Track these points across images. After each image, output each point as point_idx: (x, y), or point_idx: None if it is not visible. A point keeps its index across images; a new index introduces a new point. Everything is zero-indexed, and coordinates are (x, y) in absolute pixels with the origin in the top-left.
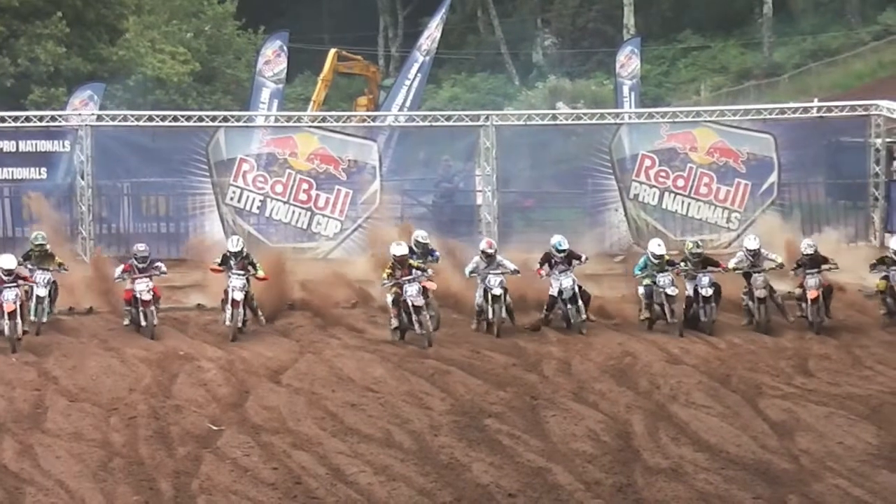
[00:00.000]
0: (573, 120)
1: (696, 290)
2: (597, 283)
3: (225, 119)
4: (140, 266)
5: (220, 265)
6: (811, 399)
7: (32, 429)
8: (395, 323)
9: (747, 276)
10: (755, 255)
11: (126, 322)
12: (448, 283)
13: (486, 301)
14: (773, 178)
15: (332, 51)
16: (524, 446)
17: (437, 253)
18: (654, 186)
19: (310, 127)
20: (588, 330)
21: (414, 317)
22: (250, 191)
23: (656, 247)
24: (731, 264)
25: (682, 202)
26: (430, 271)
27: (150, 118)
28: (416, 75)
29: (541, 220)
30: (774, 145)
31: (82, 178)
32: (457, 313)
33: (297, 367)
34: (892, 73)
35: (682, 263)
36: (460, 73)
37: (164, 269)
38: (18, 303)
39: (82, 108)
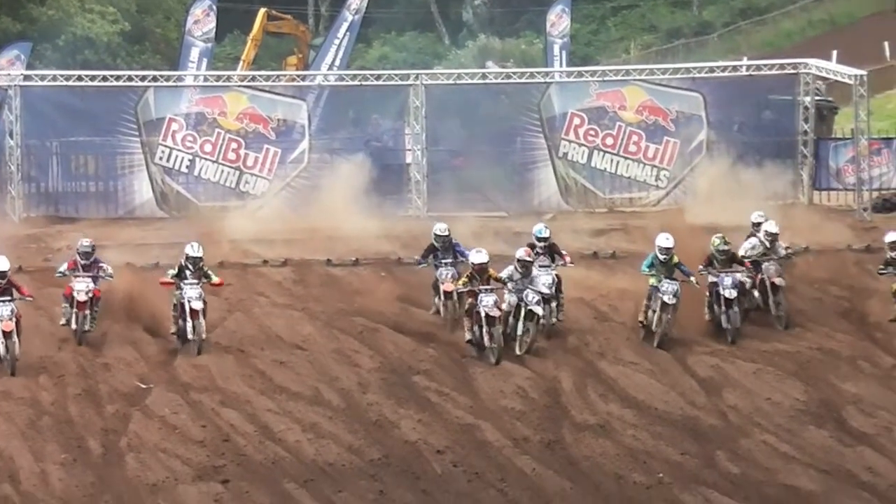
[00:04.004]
0: (503, 79)
1: (716, 293)
2: (526, 241)
3: (154, 79)
4: (83, 262)
5: (175, 276)
6: (739, 356)
7: None
8: (468, 336)
9: (756, 264)
10: (773, 241)
11: (62, 322)
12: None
13: (517, 317)
14: (702, 136)
15: (262, 10)
16: (452, 403)
17: (468, 252)
18: (583, 145)
19: (239, 86)
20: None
21: (486, 328)
22: (179, 150)
23: (664, 240)
24: (741, 252)
25: (611, 160)
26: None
27: (80, 78)
28: (345, 34)
29: (470, 179)
30: (703, 104)
31: (11, 137)
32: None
33: (226, 325)
34: (821, 31)
35: (707, 265)
36: (390, 33)
37: (110, 271)
38: (14, 320)
39: (9, 68)
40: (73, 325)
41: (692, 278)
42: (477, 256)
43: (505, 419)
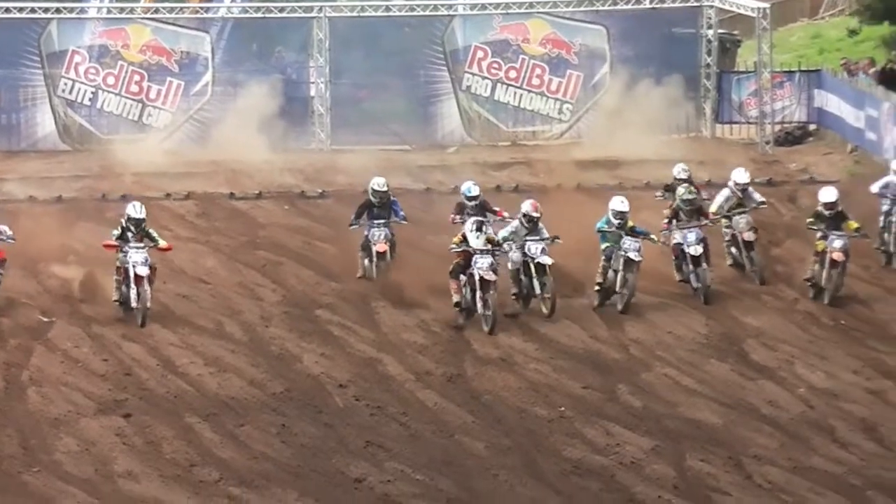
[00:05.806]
0: (406, 11)
1: (682, 251)
2: (430, 174)
3: (57, 10)
4: None
5: (117, 238)
6: (642, 289)
7: None
8: (456, 298)
9: (727, 218)
10: (744, 190)
11: None
12: None
13: (528, 274)
14: (606, 69)
15: None
16: (355, 337)
17: (403, 212)
18: (486, 78)
19: (142, 18)
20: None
21: (479, 293)
22: (82, 83)
23: (619, 203)
24: (714, 208)
25: (515, 93)
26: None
27: None
28: None
29: (374, 112)
30: (607, 36)
31: None
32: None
33: None
34: None
35: (672, 217)
36: None
37: (10, 233)
38: None
39: None
40: None
41: (653, 236)
42: (475, 242)
43: (407, 353)
